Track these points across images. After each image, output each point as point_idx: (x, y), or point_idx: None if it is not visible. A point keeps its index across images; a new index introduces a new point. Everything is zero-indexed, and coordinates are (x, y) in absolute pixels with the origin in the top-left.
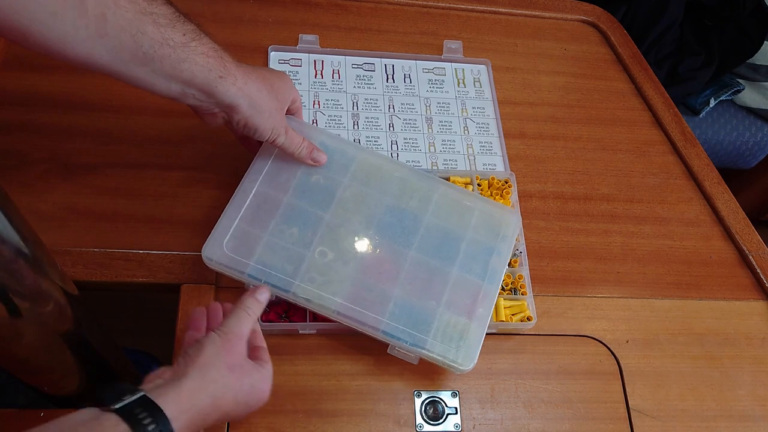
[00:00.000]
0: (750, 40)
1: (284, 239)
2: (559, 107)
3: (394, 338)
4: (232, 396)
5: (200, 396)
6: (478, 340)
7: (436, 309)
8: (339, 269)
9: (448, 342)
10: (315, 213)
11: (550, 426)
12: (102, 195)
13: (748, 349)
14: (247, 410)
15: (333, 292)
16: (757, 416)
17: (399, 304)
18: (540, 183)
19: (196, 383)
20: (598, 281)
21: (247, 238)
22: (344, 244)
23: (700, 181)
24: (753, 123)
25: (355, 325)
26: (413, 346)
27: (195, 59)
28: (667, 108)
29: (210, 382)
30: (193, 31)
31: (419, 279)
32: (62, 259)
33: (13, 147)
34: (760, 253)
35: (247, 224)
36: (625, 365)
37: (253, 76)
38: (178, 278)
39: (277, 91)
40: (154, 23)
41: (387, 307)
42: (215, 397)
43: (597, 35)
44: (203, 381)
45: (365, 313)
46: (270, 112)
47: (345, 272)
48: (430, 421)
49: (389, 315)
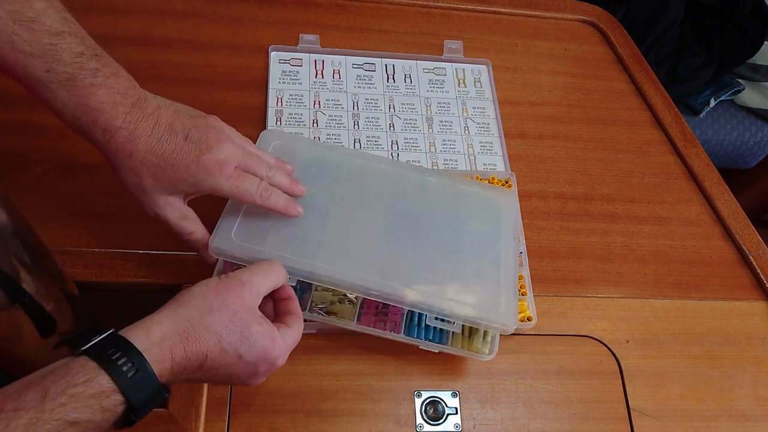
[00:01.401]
0: (750, 40)
1: (293, 224)
2: (560, 107)
3: (427, 305)
4: (215, 340)
5: (171, 329)
6: (513, 300)
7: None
8: (358, 252)
9: (485, 307)
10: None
11: (551, 426)
12: (102, 195)
13: (748, 349)
14: (249, 370)
15: (355, 270)
16: (757, 416)
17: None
18: (540, 183)
19: (168, 318)
20: (599, 281)
21: (256, 228)
22: (353, 234)
23: (700, 181)
24: (753, 123)
25: (386, 297)
26: (451, 314)
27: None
28: (667, 108)
29: (183, 320)
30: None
31: (436, 261)
32: (62, 259)
33: (13, 147)
34: (760, 253)
35: (252, 215)
36: (626, 365)
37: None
38: (178, 278)
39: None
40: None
41: (414, 279)
42: (188, 335)
43: (597, 35)
44: (176, 316)
45: (394, 285)
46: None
47: (364, 255)
48: (430, 421)
49: (417, 287)
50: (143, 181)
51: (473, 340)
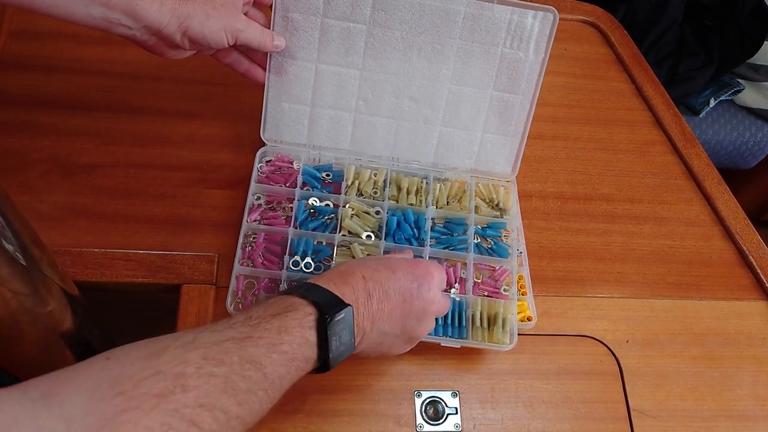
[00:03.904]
0: (750, 40)
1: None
2: (559, 107)
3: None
4: (394, 290)
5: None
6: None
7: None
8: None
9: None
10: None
11: (551, 426)
12: (102, 195)
13: (748, 349)
14: (411, 286)
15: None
16: (757, 416)
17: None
18: (540, 183)
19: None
20: (599, 281)
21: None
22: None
23: (700, 181)
24: (753, 123)
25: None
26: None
27: None
28: (667, 108)
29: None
30: None
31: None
32: (62, 259)
33: (13, 147)
34: (760, 253)
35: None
36: (626, 365)
37: None
38: (178, 278)
39: None
40: None
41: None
42: (366, 276)
43: (597, 35)
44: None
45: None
46: (209, 14)
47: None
48: (430, 421)
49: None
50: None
51: (493, 331)
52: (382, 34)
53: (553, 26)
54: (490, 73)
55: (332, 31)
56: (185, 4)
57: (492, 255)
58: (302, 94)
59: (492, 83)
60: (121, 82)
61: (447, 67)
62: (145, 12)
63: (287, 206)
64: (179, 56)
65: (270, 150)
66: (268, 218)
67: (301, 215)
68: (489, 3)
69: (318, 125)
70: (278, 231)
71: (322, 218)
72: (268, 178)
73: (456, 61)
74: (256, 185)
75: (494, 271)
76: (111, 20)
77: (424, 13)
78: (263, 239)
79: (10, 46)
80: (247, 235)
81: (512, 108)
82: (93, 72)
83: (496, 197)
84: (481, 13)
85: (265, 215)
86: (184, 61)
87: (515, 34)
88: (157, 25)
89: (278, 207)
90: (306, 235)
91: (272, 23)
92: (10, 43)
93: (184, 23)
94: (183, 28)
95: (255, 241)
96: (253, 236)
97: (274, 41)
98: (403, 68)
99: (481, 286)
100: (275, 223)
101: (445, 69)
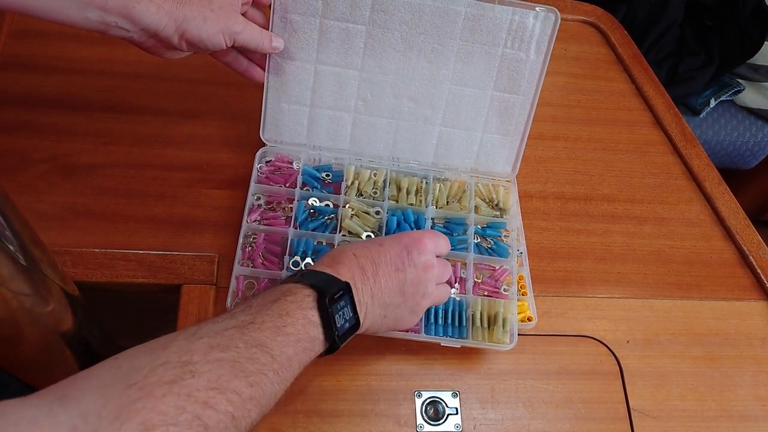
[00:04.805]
0: (750, 40)
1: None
2: (560, 107)
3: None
4: (387, 262)
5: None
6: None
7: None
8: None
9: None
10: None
11: (551, 426)
12: (102, 195)
13: (748, 349)
14: (401, 256)
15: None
16: (757, 416)
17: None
18: (540, 183)
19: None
20: (599, 281)
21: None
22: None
23: (700, 181)
24: (753, 123)
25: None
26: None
27: None
28: (667, 108)
29: (362, 248)
30: None
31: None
32: (62, 259)
33: (13, 147)
34: (760, 253)
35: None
36: (626, 365)
37: None
38: (178, 278)
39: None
40: None
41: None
42: (360, 254)
43: (597, 35)
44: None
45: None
46: (206, 17)
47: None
48: (430, 421)
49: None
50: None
51: (493, 331)
52: (381, 35)
53: (555, 26)
54: (490, 73)
55: (331, 32)
56: (182, 7)
57: (492, 255)
58: (302, 95)
59: (492, 83)
60: (121, 82)
61: (447, 68)
62: (142, 15)
63: (287, 206)
64: (177, 56)
65: (270, 150)
66: (268, 218)
67: (301, 215)
68: (490, 3)
69: (317, 125)
70: (278, 231)
71: (322, 218)
72: (268, 178)
73: (456, 62)
74: (255, 185)
75: (494, 271)
76: (108, 23)
77: (424, 13)
78: (263, 239)
79: (10, 46)
80: (247, 235)
81: (513, 108)
82: (93, 72)
83: (496, 197)
84: (482, 14)
85: (265, 215)
86: (185, 61)
87: (516, 34)
88: (154, 28)
89: (278, 207)
90: (306, 236)
91: (271, 24)
92: (10, 43)
93: (181, 26)
94: (180, 31)
95: (255, 241)
96: (253, 236)
97: (273, 43)
98: (403, 69)
99: (482, 286)
100: (275, 224)
101: (445, 69)
